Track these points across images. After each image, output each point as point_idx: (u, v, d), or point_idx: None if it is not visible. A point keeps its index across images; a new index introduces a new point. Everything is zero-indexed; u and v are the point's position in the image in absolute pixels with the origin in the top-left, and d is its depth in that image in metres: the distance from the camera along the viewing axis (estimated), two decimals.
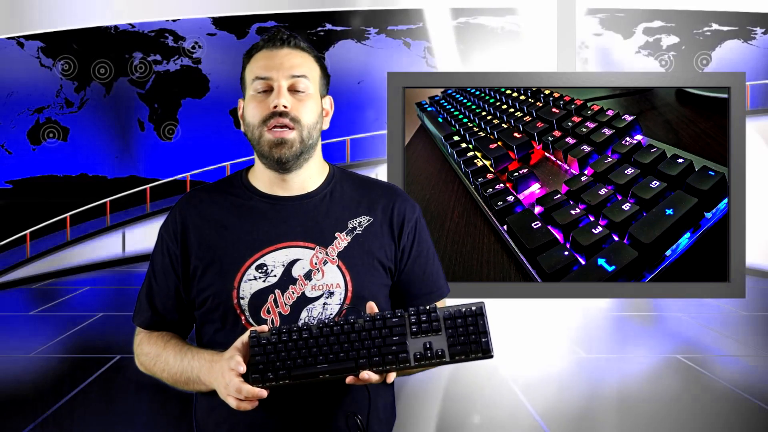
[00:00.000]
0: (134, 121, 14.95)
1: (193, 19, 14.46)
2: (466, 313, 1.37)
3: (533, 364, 5.43)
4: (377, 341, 1.34)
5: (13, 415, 4.53)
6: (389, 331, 1.35)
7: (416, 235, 1.55)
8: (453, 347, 1.35)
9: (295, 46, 1.48)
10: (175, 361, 1.45)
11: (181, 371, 1.44)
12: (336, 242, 1.47)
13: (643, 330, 6.97)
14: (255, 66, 1.47)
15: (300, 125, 1.44)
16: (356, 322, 1.36)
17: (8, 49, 13.98)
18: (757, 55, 13.53)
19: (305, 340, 1.34)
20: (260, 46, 1.49)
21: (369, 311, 1.38)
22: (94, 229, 13.08)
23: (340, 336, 1.34)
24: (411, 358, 1.34)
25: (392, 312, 1.37)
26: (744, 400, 4.70)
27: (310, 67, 1.48)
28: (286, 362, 1.32)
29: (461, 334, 1.36)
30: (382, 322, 1.36)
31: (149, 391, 4.86)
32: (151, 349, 1.50)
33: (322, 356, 1.33)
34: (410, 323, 1.36)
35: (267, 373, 1.32)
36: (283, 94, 1.44)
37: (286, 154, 1.44)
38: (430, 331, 1.36)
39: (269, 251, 1.45)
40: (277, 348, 1.33)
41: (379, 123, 13.50)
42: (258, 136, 1.45)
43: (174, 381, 1.47)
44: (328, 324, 1.35)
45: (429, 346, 1.35)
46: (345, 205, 1.51)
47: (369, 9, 14.23)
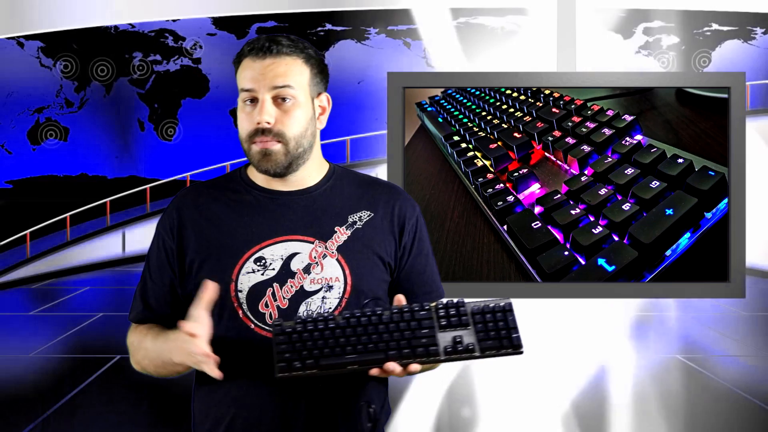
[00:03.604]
0: (134, 121, 14.95)
1: (193, 19, 14.47)
2: (495, 308, 1.37)
3: (533, 364, 5.43)
4: (406, 333, 1.33)
5: (13, 415, 4.53)
6: (418, 324, 1.34)
7: (417, 233, 1.55)
8: (483, 342, 1.34)
9: (278, 53, 1.43)
10: (153, 345, 1.45)
11: (157, 354, 1.43)
12: (335, 236, 1.47)
13: (643, 330, 6.97)
14: (241, 76, 1.45)
15: (285, 138, 1.42)
16: (383, 313, 1.35)
17: (8, 49, 13.98)
18: (757, 55, 13.53)
19: (332, 330, 1.33)
20: (245, 53, 1.45)
21: (396, 303, 1.38)
22: (94, 229, 13.09)
23: (367, 327, 1.33)
24: (441, 351, 1.33)
25: (419, 305, 1.36)
26: (744, 400, 4.70)
27: (295, 72, 1.44)
28: (313, 352, 1.31)
29: (490, 329, 1.35)
30: (410, 315, 1.35)
31: (149, 391, 4.86)
32: (135, 338, 1.50)
33: (350, 347, 1.32)
34: (438, 316, 1.36)
35: (294, 362, 1.30)
36: (265, 110, 1.41)
37: (273, 167, 1.43)
38: (458, 325, 1.35)
39: (268, 244, 1.45)
40: (303, 337, 1.32)
41: (379, 123, 13.50)
42: (247, 149, 1.45)
43: (155, 367, 1.46)
44: (354, 315, 1.34)
45: (459, 339, 1.34)
46: (345, 200, 1.51)
47: (369, 9, 14.23)
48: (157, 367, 1.46)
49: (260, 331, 1.42)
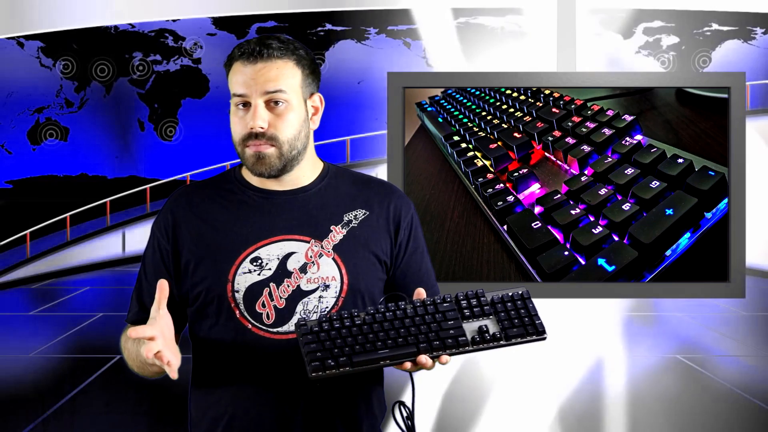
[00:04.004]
0: (134, 121, 14.94)
1: (193, 19, 14.46)
2: (514, 297, 1.39)
3: (533, 364, 5.43)
4: (433, 326, 1.34)
5: (13, 415, 4.53)
6: (442, 316, 1.35)
7: (412, 231, 1.55)
8: (509, 329, 1.36)
9: (268, 57, 1.41)
10: (132, 346, 1.46)
11: (136, 354, 1.44)
12: (331, 235, 1.47)
13: (643, 330, 6.97)
14: (232, 80, 1.44)
15: (278, 142, 1.42)
16: (407, 308, 1.36)
17: (8, 49, 13.97)
18: (757, 55, 13.52)
19: (359, 327, 1.33)
20: (236, 56, 1.44)
21: (417, 296, 1.38)
22: (94, 229, 13.08)
23: (394, 321, 1.34)
24: (469, 342, 1.34)
25: (441, 297, 1.37)
26: (744, 400, 4.70)
27: (287, 75, 1.43)
28: (344, 349, 1.31)
29: (513, 317, 1.37)
30: (434, 307, 1.36)
31: (149, 391, 4.86)
32: (123, 339, 1.51)
33: (380, 342, 1.32)
34: (461, 307, 1.37)
35: (327, 360, 1.30)
36: (258, 115, 1.40)
37: (267, 170, 1.44)
38: (481, 315, 1.37)
39: (264, 244, 1.45)
40: (331, 335, 1.32)
41: (379, 123, 13.49)
42: (241, 152, 1.45)
43: (137, 368, 1.47)
44: (379, 310, 1.35)
45: (486, 329, 1.35)
46: (340, 199, 1.51)
47: (369, 9, 14.23)
48: (138, 368, 1.47)
49: (257, 331, 1.43)
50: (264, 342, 1.41)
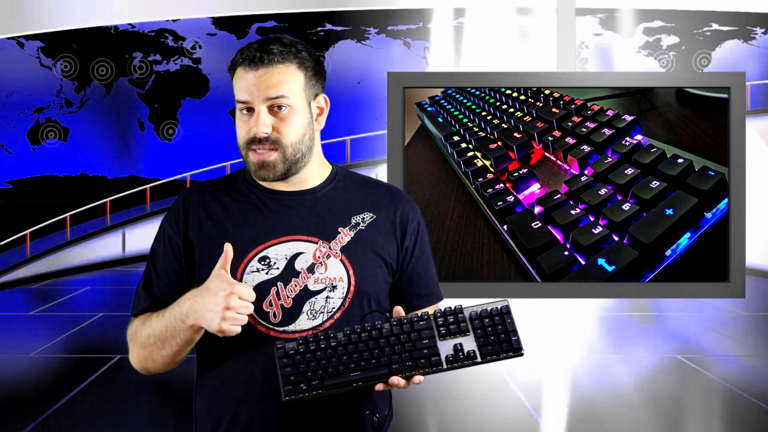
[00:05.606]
0: (134, 121, 14.94)
1: (193, 19, 14.46)
2: (492, 312, 1.37)
3: (533, 364, 5.43)
4: (407, 345, 1.34)
5: (13, 415, 4.53)
6: (418, 335, 1.35)
7: (419, 236, 1.56)
8: (483, 347, 1.34)
9: (269, 62, 1.41)
10: (158, 321, 1.43)
11: (165, 326, 1.41)
12: (339, 237, 1.48)
13: (643, 330, 6.97)
14: (236, 85, 1.44)
15: (282, 146, 1.43)
16: (383, 327, 1.35)
17: (8, 49, 13.97)
18: (757, 55, 13.52)
19: (334, 349, 1.33)
20: (238, 61, 1.44)
21: (395, 315, 1.39)
22: (94, 229, 13.08)
23: (369, 342, 1.34)
24: (443, 361, 1.34)
25: (418, 315, 1.37)
26: (744, 400, 4.70)
27: (289, 79, 1.43)
28: (317, 372, 1.32)
29: (490, 333, 1.35)
30: (410, 326, 1.35)
31: (149, 391, 4.86)
32: (138, 324, 1.48)
33: (353, 364, 1.33)
34: (438, 325, 1.36)
35: (300, 385, 1.32)
36: (261, 121, 1.41)
37: (270, 176, 1.45)
38: (458, 332, 1.36)
39: (272, 244, 1.46)
40: (306, 358, 1.33)
41: (379, 123, 13.50)
42: (245, 155, 1.46)
43: (158, 347, 1.43)
44: (355, 331, 1.35)
45: (460, 347, 1.34)
46: (348, 202, 1.52)
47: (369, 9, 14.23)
48: (164, 342, 1.42)
49: (264, 329, 1.43)
50: (270, 340, 1.42)
